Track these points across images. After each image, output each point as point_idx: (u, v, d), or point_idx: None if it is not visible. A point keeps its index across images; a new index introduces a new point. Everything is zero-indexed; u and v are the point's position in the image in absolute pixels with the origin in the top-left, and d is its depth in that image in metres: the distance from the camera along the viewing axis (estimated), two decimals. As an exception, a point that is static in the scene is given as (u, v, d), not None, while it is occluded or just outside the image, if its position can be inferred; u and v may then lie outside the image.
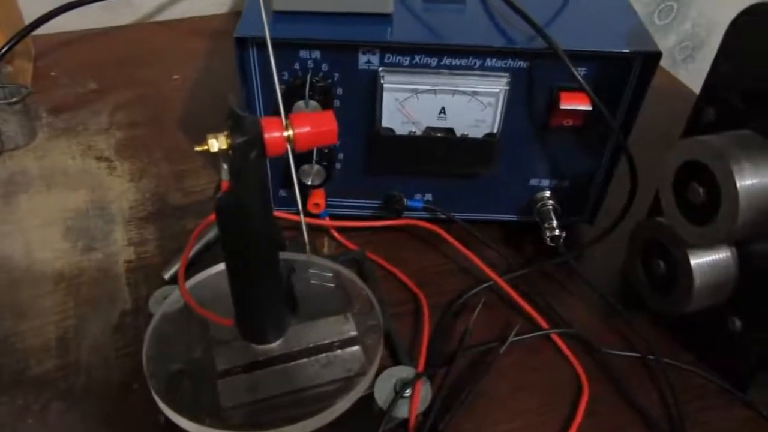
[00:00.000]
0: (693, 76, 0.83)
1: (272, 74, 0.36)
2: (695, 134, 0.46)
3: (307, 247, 0.45)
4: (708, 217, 0.44)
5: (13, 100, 0.66)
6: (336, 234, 0.60)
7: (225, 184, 0.36)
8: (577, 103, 0.51)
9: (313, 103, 0.50)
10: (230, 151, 0.34)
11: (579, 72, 0.48)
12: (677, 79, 0.82)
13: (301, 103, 0.50)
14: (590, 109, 0.51)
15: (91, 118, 0.73)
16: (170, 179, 0.66)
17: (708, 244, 0.47)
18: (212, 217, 0.50)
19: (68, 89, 0.76)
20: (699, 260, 0.47)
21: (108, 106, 0.75)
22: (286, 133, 0.35)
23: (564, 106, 0.51)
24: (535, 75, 0.51)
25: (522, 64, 0.50)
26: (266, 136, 0.34)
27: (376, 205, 0.60)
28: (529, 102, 0.53)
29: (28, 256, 0.58)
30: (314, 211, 0.58)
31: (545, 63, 0.50)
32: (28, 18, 0.78)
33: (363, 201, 0.60)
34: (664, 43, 1.12)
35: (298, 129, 0.35)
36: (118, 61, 0.82)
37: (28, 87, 0.68)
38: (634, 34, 0.52)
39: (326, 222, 0.60)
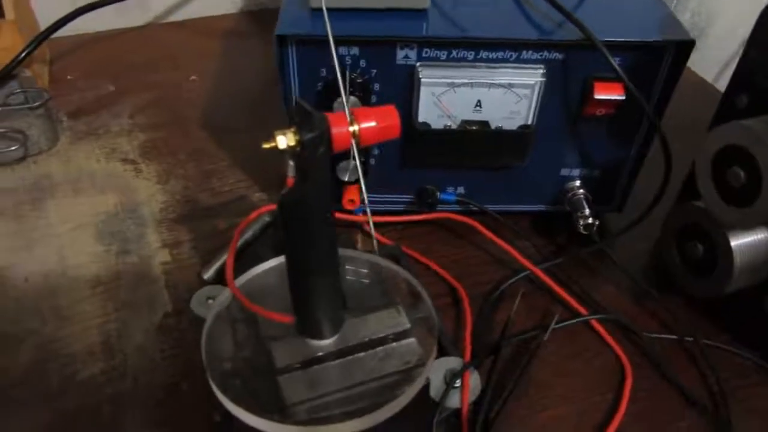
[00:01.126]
0: (697, 64, 0.84)
1: (336, 72, 0.37)
2: (728, 120, 0.47)
3: (374, 243, 0.45)
4: (748, 200, 0.45)
5: (36, 104, 0.65)
6: (371, 230, 0.60)
7: (290, 181, 0.36)
8: (611, 93, 0.52)
9: (353, 99, 0.50)
10: (298, 148, 0.34)
11: (615, 61, 0.49)
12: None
13: (341, 100, 0.50)
14: (623, 98, 0.52)
15: (112, 121, 0.72)
16: (197, 180, 0.66)
17: (747, 225, 0.48)
18: (252, 216, 0.51)
19: (86, 92, 0.76)
20: (738, 241, 0.48)
21: (127, 108, 0.74)
22: (352, 128, 0.35)
23: (598, 95, 0.52)
24: (570, 66, 0.52)
25: (557, 55, 0.51)
26: (333, 131, 0.35)
27: (409, 200, 0.61)
28: (564, 93, 0.53)
29: (62, 262, 0.57)
30: (349, 207, 0.59)
31: (580, 54, 0.51)
32: (42, 21, 0.78)
33: (396, 196, 0.60)
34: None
35: (364, 124, 0.35)
36: (133, 62, 0.81)
37: (47, 91, 0.68)
38: (666, 23, 0.53)
39: (360, 217, 0.60)
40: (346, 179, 0.56)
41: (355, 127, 0.36)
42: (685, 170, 0.56)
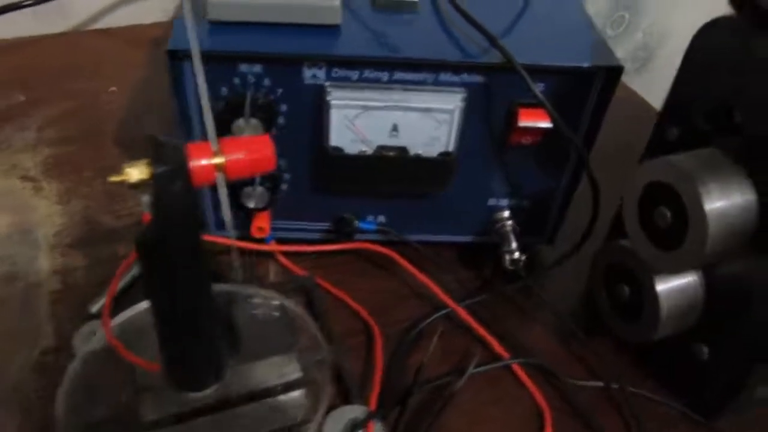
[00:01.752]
0: (646, 85, 0.82)
1: (202, 93, 0.32)
2: (658, 153, 0.43)
3: (239, 273, 0.41)
4: (675, 242, 0.42)
5: (-73, 114, 0.60)
6: (283, 259, 0.56)
7: (146, 217, 0.32)
8: (536, 120, 0.49)
9: (254, 121, 0.46)
10: (150, 182, 0.30)
11: (538, 87, 0.45)
12: (631, 89, 0.80)
13: (241, 122, 0.46)
14: (550, 126, 0.48)
15: (16, 134, 0.67)
16: (102, 200, 0.61)
17: (675, 269, 0.45)
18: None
19: (-8, 103, 0.70)
20: (665, 286, 0.45)
21: (37, 121, 0.69)
22: (216, 161, 0.31)
23: (523, 123, 0.48)
24: (493, 90, 0.48)
25: (478, 79, 0.47)
26: (192, 164, 0.30)
27: (326, 228, 0.56)
28: (487, 119, 0.50)
29: (-58, 287, 0.52)
30: (258, 235, 0.54)
31: (503, 78, 0.47)
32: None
33: (311, 223, 0.56)
34: (616, 53, 1.11)
35: (230, 156, 0.31)
36: (50, 71, 0.76)
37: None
38: (594, 48, 0.49)
39: (272, 247, 0.55)
40: (252, 206, 0.51)
41: (220, 159, 0.31)
42: (618, 202, 0.53)
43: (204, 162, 0.31)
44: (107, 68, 0.77)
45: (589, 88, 0.48)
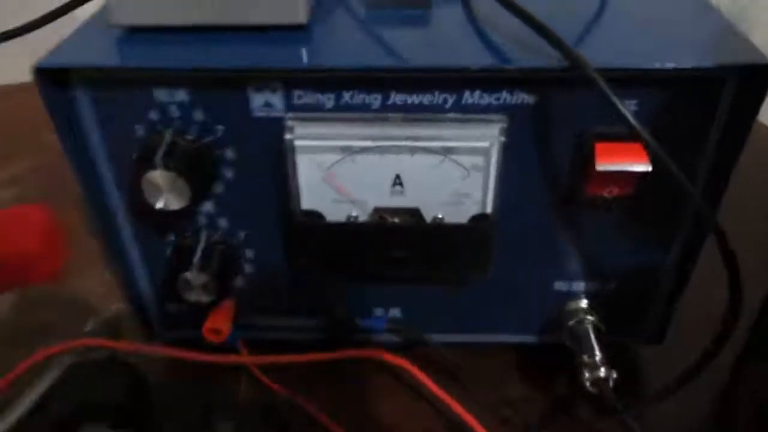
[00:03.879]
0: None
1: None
2: None
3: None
4: None
5: None
6: (257, 372, 0.39)
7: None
8: (624, 161, 0.30)
9: (167, 174, 0.29)
10: None
11: (628, 107, 0.27)
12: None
13: (153, 175, 0.30)
14: (649, 169, 0.30)
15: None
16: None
17: None
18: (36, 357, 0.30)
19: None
20: None
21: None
22: None
23: (602, 166, 0.30)
24: (551, 116, 0.30)
25: (526, 98, 0.30)
26: None
27: (316, 324, 0.39)
28: (543, 162, 0.31)
29: None
30: (214, 339, 0.37)
31: (568, 95, 0.29)
32: None
33: (293, 319, 0.39)
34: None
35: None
36: (24, 122, 0.64)
37: None
38: (719, 38, 0.30)
39: (242, 358, 0.38)
40: (193, 300, 0.35)
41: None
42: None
43: None
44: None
45: (714, 102, 0.29)
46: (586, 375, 0.34)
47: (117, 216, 0.34)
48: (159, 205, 0.30)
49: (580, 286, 0.37)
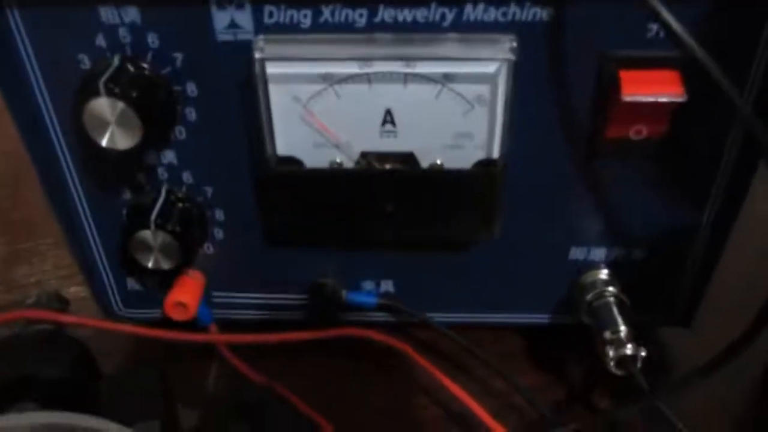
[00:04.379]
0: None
1: None
2: None
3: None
4: None
5: None
6: (228, 354, 0.33)
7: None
8: (656, 90, 0.25)
9: (114, 102, 0.25)
10: None
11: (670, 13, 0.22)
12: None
13: (99, 102, 0.25)
14: (683, 99, 0.25)
15: None
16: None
17: None
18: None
19: None
20: None
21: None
22: None
23: (630, 96, 0.25)
24: (569, 34, 0.25)
25: (539, 13, 0.25)
26: None
27: (298, 301, 0.34)
28: (558, 94, 0.27)
29: None
30: (179, 316, 0.32)
31: (589, 10, 0.25)
32: None
33: (275, 296, 0.34)
34: None
35: None
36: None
37: None
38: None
39: (211, 337, 0.33)
40: (151, 265, 0.30)
41: None
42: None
43: None
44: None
45: (761, 21, 0.25)
46: (610, 354, 0.29)
47: (63, 168, 0.30)
48: (104, 141, 0.25)
49: (599, 253, 0.32)
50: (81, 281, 0.40)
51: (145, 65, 0.26)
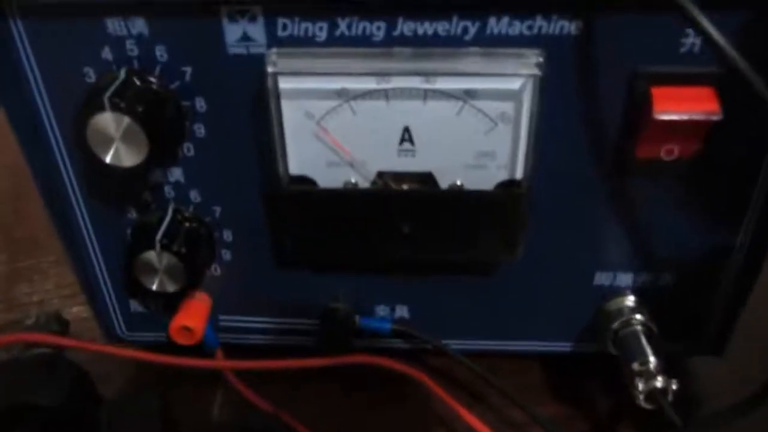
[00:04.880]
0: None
1: None
2: None
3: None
4: None
5: None
6: (234, 380, 0.32)
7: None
8: (690, 108, 0.24)
9: (119, 117, 0.23)
10: None
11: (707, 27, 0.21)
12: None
13: (103, 117, 0.24)
14: (719, 117, 0.24)
15: None
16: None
17: None
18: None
19: None
20: None
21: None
22: None
23: (661, 114, 0.24)
24: (599, 50, 0.24)
25: (567, 26, 0.24)
26: None
27: (308, 326, 0.32)
28: (586, 112, 0.25)
29: None
30: (184, 341, 0.31)
31: (620, 23, 0.23)
32: None
33: (285, 320, 0.33)
34: None
35: None
36: None
37: None
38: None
39: (217, 363, 0.32)
40: (155, 288, 0.28)
41: None
42: None
43: None
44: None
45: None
46: (640, 387, 0.28)
47: (65, 185, 0.28)
48: (109, 158, 0.24)
49: (626, 279, 0.30)
50: (83, 301, 0.38)
51: (152, 79, 0.25)
